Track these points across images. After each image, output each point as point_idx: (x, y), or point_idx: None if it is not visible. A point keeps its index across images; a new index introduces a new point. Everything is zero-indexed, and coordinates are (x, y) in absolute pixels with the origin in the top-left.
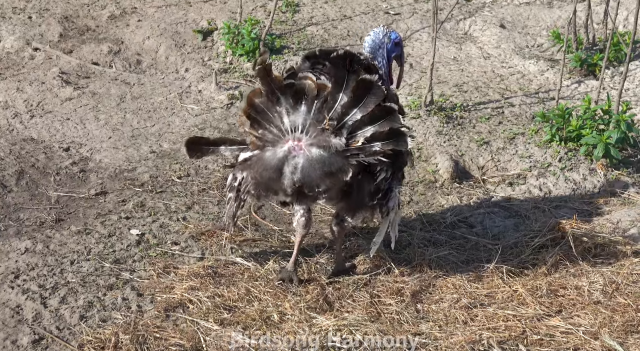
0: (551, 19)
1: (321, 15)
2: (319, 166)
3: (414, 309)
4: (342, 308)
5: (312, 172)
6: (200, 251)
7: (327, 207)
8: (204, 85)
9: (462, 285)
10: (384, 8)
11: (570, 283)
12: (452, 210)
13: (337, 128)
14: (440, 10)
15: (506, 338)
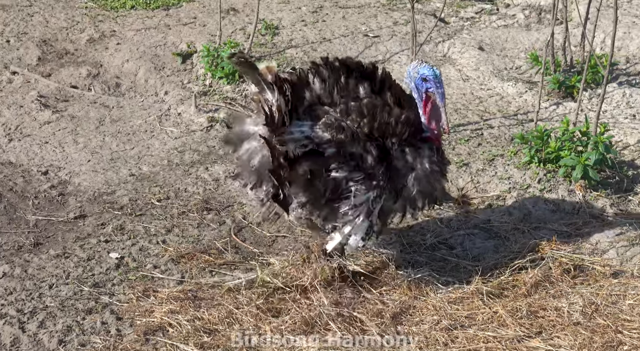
0: (529, 41)
1: (300, 38)
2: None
3: (394, 331)
4: (322, 330)
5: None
6: (180, 274)
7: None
8: (184, 107)
9: (443, 307)
10: (363, 31)
11: (550, 305)
12: (432, 231)
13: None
14: (419, 32)
15: None
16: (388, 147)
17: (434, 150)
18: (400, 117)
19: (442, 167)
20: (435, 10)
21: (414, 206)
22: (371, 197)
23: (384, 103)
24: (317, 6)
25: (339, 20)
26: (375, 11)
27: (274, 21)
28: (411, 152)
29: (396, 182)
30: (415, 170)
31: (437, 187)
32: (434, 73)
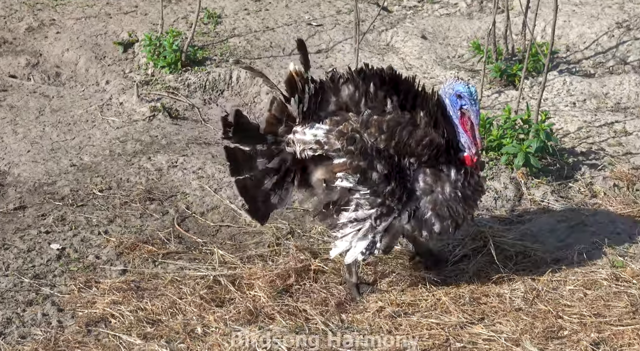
0: (471, 30)
1: (243, 27)
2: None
3: (338, 319)
4: (266, 319)
5: None
6: (123, 265)
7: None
8: (125, 97)
9: (386, 294)
10: (307, 19)
11: (492, 291)
12: None
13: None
14: (362, 21)
15: (430, 346)
16: (404, 166)
17: (465, 174)
18: (422, 139)
19: (467, 193)
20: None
21: (430, 230)
22: (374, 214)
23: (411, 121)
24: None
25: (282, 9)
26: (318, 0)
27: (216, 10)
28: (432, 173)
29: (411, 202)
30: (434, 192)
31: (461, 212)
32: (468, 90)
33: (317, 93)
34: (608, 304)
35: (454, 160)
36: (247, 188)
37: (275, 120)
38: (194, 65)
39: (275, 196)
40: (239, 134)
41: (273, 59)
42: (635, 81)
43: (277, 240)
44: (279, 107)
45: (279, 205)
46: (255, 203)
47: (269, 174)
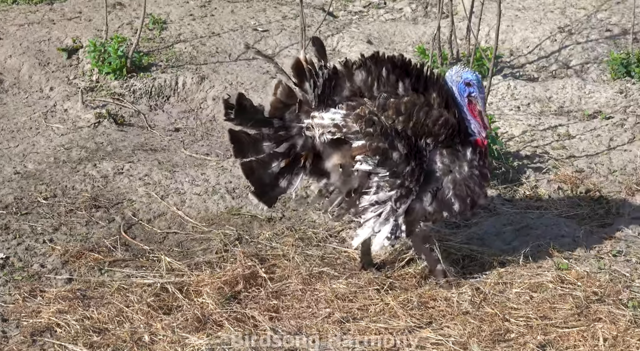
0: (416, 34)
1: (189, 33)
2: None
3: (287, 325)
4: (214, 326)
5: None
6: (69, 273)
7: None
8: (70, 104)
9: (336, 300)
10: (253, 25)
11: (440, 295)
12: (324, 225)
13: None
14: (308, 26)
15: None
16: (421, 147)
17: (478, 153)
18: (438, 119)
19: (483, 171)
20: (323, 4)
21: (450, 209)
22: (394, 195)
23: (425, 102)
24: (206, 0)
25: (227, 15)
26: (264, 5)
27: (161, 16)
28: (449, 154)
29: (430, 183)
30: (452, 172)
31: (477, 191)
32: (476, 77)
33: (331, 79)
34: (554, 306)
35: (467, 142)
36: (253, 171)
37: (280, 104)
38: (140, 71)
39: (284, 180)
40: (241, 116)
41: (219, 65)
42: (578, 85)
43: (224, 247)
44: (285, 91)
45: (287, 189)
46: (262, 186)
47: (276, 158)
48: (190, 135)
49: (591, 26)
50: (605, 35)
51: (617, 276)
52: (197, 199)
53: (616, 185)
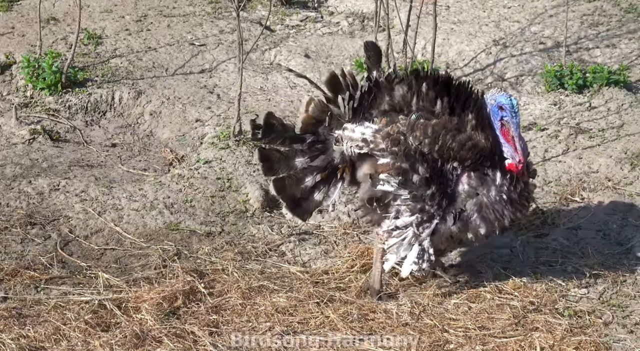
0: (354, 48)
1: (125, 47)
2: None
3: (228, 339)
4: (153, 342)
5: None
6: (4, 291)
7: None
8: (3, 120)
9: (276, 313)
10: (189, 39)
11: (379, 307)
12: (264, 239)
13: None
14: (245, 41)
15: None
16: (447, 171)
17: (510, 179)
18: (465, 143)
19: (513, 197)
20: (260, 18)
21: (476, 232)
22: (414, 221)
23: (456, 125)
24: (141, 15)
25: (164, 29)
26: (200, 20)
27: (96, 30)
28: (477, 177)
29: (455, 205)
30: (478, 195)
31: (506, 215)
32: (510, 102)
33: (371, 91)
34: (492, 316)
35: (499, 165)
36: (285, 187)
37: (313, 121)
38: (75, 87)
39: (320, 193)
40: (269, 135)
41: (156, 79)
42: None
43: (163, 262)
44: (317, 107)
45: (324, 202)
46: (294, 201)
47: (311, 172)
48: (128, 151)
49: (525, 39)
50: (539, 48)
51: (553, 285)
52: (135, 215)
53: (551, 196)
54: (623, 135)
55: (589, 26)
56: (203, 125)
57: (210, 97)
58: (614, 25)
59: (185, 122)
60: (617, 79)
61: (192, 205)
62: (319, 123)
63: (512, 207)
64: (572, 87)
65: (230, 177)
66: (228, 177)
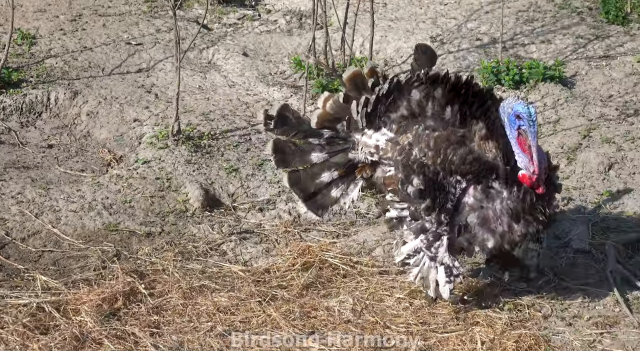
0: (292, 46)
1: (60, 47)
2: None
3: (169, 340)
4: (94, 345)
5: None
6: None
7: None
8: None
9: (217, 313)
10: (126, 39)
11: (321, 305)
12: (204, 238)
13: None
14: (182, 39)
15: None
16: (450, 184)
17: (520, 190)
18: (466, 157)
19: (520, 210)
20: (197, 16)
21: (482, 245)
22: (422, 245)
23: (461, 138)
24: (76, 14)
25: (99, 29)
26: (136, 19)
27: (30, 31)
28: (481, 190)
29: (460, 218)
30: (482, 208)
31: (515, 229)
32: (528, 111)
33: (390, 94)
34: (433, 312)
35: (510, 177)
36: (298, 181)
37: (330, 117)
38: (9, 88)
39: (337, 190)
40: (281, 127)
41: (93, 79)
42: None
43: (102, 263)
44: (336, 104)
45: (341, 199)
46: (308, 195)
47: (329, 168)
48: (65, 152)
49: (462, 36)
50: (476, 44)
51: (494, 280)
52: (73, 216)
53: None
54: (559, 130)
55: (525, 22)
56: (141, 125)
57: (148, 97)
58: (549, 21)
59: (123, 122)
60: (553, 74)
61: (131, 205)
62: (337, 120)
63: (521, 220)
64: (509, 83)
65: (170, 177)
66: (167, 176)
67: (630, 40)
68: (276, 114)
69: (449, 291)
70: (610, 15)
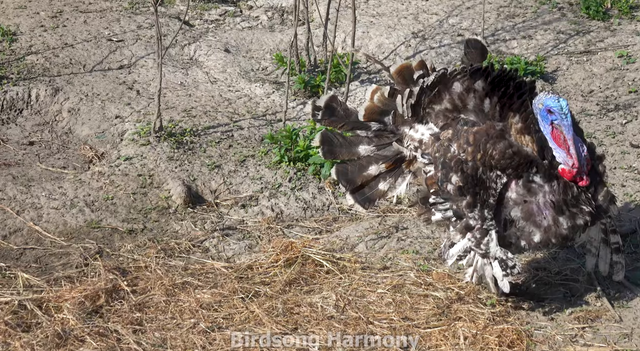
0: (274, 42)
1: (41, 44)
2: None
3: (152, 337)
4: (76, 342)
5: None
6: None
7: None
8: None
9: (200, 310)
10: (107, 35)
11: (304, 301)
12: (187, 235)
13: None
14: (164, 36)
15: None
16: (490, 179)
17: (560, 184)
18: (505, 151)
19: (563, 203)
20: (179, 13)
21: (529, 240)
22: (471, 244)
23: (499, 131)
24: (57, 11)
25: (80, 25)
26: (117, 15)
27: (11, 27)
28: (522, 185)
29: (504, 213)
30: (526, 202)
31: (561, 222)
32: (559, 104)
33: (434, 86)
34: (416, 307)
35: (550, 171)
36: (346, 173)
37: (377, 110)
38: None
39: (385, 183)
40: (328, 118)
41: (74, 76)
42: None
43: (85, 261)
44: (382, 97)
45: (388, 192)
46: (356, 187)
47: (376, 161)
48: (46, 149)
49: (443, 31)
50: (457, 40)
51: None
52: (54, 213)
53: None
54: None
55: (506, 18)
56: (123, 122)
57: (129, 93)
58: (530, 16)
59: (105, 118)
60: (534, 69)
61: (113, 202)
62: (384, 113)
63: (567, 213)
64: None
65: (152, 174)
66: (149, 173)
67: (611, 36)
68: (324, 105)
69: (509, 284)
70: (590, 10)
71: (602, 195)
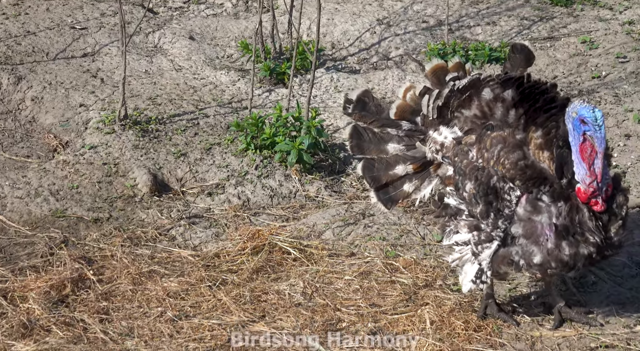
0: (239, 29)
1: (3, 32)
2: None
3: (119, 326)
4: (42, 332)
5: None
6: None
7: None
8: None
9: (167, 298)
10: (70, 23)
11: (272, 288)
12: (153, 224)
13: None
14: (128, 23)
15: (212, 347)
16: (504, 190)
17: (565, 208)
18: (517, 162)
19: (564, 228)
20: (143, 0)
21: (528, 260)
22: (472, 239)
23: (518, 142)
24: None
25: (43, 13)
26: (80, 3)
27: None
28: (530, 201)
29: (512, 228)
30: (530, 220)
31: (563, 247)
32: (593, 115)
33: (466, 89)
34: (383, 294)
35: (564, 191)
36: (372, 169)
37: (409, 109)
38: None
39: (410, 184)
40: (359, 112)
41: (37, 64)
42: (398, 76)
43: (50, 250)
44: (415, 96)
45: (413, 194)
46: (380, 185)
47: (404, 161)
48: (9, 137)
49: (408, 18)
50: (422, 27)
51: (443, 261)
52: (18, 203)
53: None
54: None
55: (470, 4)
56: (87, 110)
57: (93, 82)
58: (494, 3)
59: (69, 107)
60: (499, 55)
61: (78, 191)
62: (416, 112)
63: (570, 239)
64: None
65: (117, 162)
66: (115, 162)
67: (574, 21)
68: (356, 99)
69: (469, 288)
70: None
71: (616, 227)
